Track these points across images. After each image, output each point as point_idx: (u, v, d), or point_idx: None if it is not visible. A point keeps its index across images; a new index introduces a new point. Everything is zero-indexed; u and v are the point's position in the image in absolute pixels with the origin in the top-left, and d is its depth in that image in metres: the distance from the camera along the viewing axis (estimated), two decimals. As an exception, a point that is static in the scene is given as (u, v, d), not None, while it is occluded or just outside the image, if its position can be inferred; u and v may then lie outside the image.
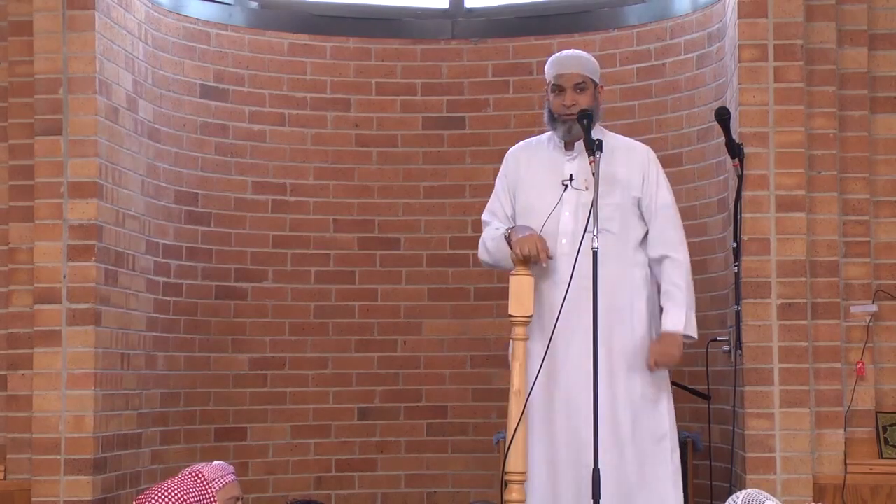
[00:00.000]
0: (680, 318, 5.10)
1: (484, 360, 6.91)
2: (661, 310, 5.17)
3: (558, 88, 5.21)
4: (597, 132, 5.13)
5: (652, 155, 5.29)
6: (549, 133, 5.32)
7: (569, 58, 5.28)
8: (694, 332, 5.15)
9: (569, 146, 5.24)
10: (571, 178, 5.17)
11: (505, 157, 5.43)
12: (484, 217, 5.39)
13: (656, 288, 5.20)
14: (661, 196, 5.21)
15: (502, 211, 5.33)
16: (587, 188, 5.11)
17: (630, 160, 5.20)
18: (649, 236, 5.21)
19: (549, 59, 5.32)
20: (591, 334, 4.81)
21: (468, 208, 6.83)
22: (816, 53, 5.62)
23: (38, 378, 5.56)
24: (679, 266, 5.16)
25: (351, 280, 6.92)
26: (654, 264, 5.19)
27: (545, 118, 5.29)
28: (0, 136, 5.78)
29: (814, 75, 5.61)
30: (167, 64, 6.48)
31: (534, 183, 5.27)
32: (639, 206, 5.19)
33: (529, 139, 5.46)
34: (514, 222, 5.26)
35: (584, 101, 5.17)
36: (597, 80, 5.26)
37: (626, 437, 5.06)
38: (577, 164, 5.20)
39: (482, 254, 5.34)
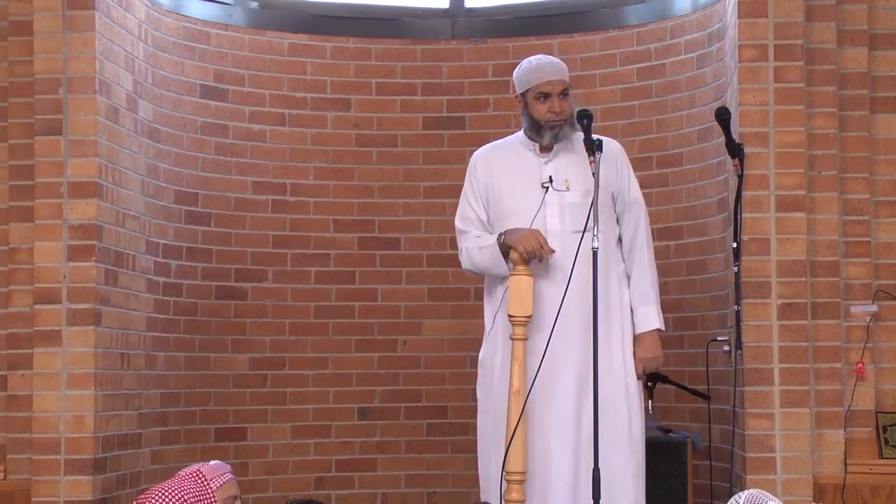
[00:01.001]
0: (652, 317, 5.21)
1: (484, 360, 6.90)
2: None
3: (545, 95, 5.20)
4: (568, 130, 5.16)
5: (622, 150, 5.33)
6: (516, 136, 5.32)
7: (554, 65, 5.27)
8: (663, 325, 5.25)
9: (545, 149, 5.24)
10: (551, 180, 5.17)
11: (471, 162, 5.39)
12: (458, 225, 5.36)
13: None
14: (632, 191, 5.27)
15: (476, 217, 5.31)
16: (568, 188, 5.14)
17: (606, 158, 5.19)
18: (621, 231, 5.25)
19: (526, 67, 5.27)
20: (588, 333, 4.85)
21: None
22: (816, 53, 5.62)
23: (38, 378, 5.56)
24: (644, 262, 5.24)
25: (351, 280, 6.92)
26: (626, 256, 5.26)
27: (525, 125, 5.27)
28: (0, 136, 5.78)
29: (814, 75, 5.61)
30: (167, 64, 6.48)
31: (510, 187, 5.25)
32: (615, 203, 5.22)
33: (493, 143, 5.44)
34: (490, 227, 5.26)
35: (567, 106, 5.21)
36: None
37: (623, 435, 5.08)
38: (554, 165, 5.21)
39: (466, 263, 5.32)
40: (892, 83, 5.71)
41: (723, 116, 5.49)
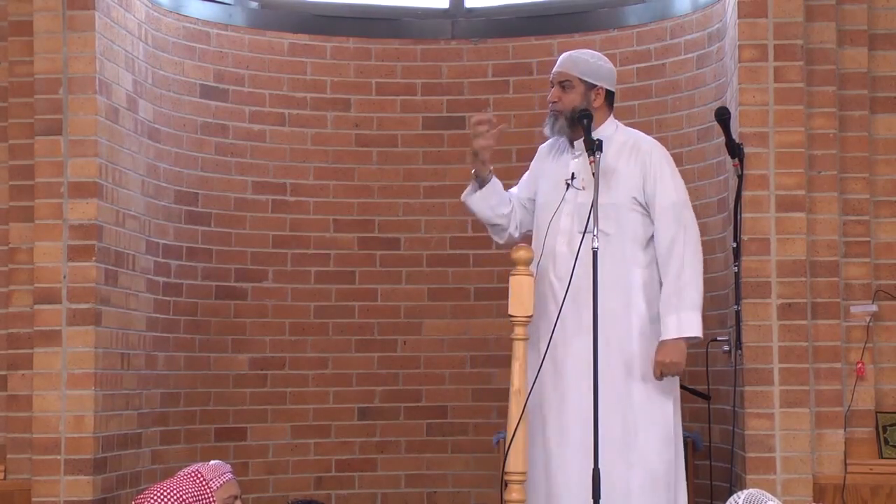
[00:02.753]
0: (674, 324, 5.06)
1: (484, 360, 6.91)
2: None
3: (551, 84, 5.25)
4: (609, 127, 5.17)
5: (658, 152, 5.23)
6: None
7: (564, 55, 5.33)
8: (695, 332, 5.09)
9: (574, 145, 5.25)
10: (573, 177, 5.18)
11: (537, 151, 5.50)
12: None
13: None
14: (665, 195, 5.16)
15: (518, 193, 5.41)
16: (584, 188, 5.13)
17: (633, 158, 5.19)
18: (655, 236, 5.19)
19: None
20: (585, 335, 4.83)
21: (468, 208, 6.84)
22: (816, 53, 5.62)
23: (38, 378, 5.56)
24: (671, 270, 5.10)
25: (351, 280, 6.92)
26: (660, 266, 5.18)
27: None
28: (0, 136, 5.78)
29: (814, 75, 5.61)
30: (167, 64, 6.48)
31: (546, 181, 5.32)
32: (641, 206, 5.18)
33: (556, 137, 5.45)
34: (534, 215, 5.37)
35: (567, 99, 5.20)
36: (591, 81, 5.24)
37: (616, 441, 4.99)
38: (579, 162, 5.21)
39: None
40: (892, 83, 5.71)
41: (723, 116, 5.49)
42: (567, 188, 5.17)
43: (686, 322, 5.08)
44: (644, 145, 5.25)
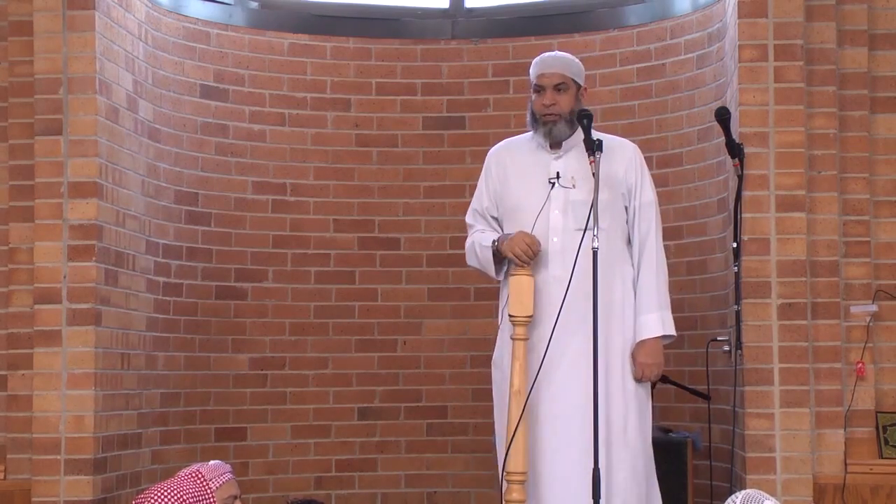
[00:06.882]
0: (653, 324, 5.11)
1: (484, 360, 6.86)
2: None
3: (539, 88, 5.23)
4: (564, 127, 5.17)
5: (638, 152, 5.31)
6: (531, 133, 5.31)
7: (552, 58, 5.31)
8: (670, 330, 5.15)
9: (554, 145, 5.24)
10: (558, 176, 5.18)
11: (487, 158, 5.41)
12: (468, 219, 5.40)
13: None
14: (645, 195, 5.23)
15: (484, 212, 5.35)
16: (574, 186, 5.13)
17: (618, 157, 5.20)
18: (631, 233, 5.22)
19: (534, 60, 5.33)
20: (587, 332, 4.83)
21: (468, 208, 6.82)
22: (816, 53, 5.62)
23: (38, 378, 5.56)
24: (650, 268, 5.17)
25: (351, 280, 6.92)
26: (634, 260, 5.22)
27: (528, 119, 5.29)
28: (0, 136, 5.78)
29: (814, 75, 5.61)
30: (167, 64, 6.48)
31: (520, 183, 5.27)
32: (624, 201, 5.21)
33: (509, 139, 5.45)
34: (501, 223, 5.28)
35: (564, 101, 5.19)
36: (580, 82, 5.25)
37: (618, 436, 5.03)
38: (564, 162, 5.21)
39: (470, 259, 5.34)
40: (892, 83, 5.71)
41: (723, 116, 5.49)
42: (552, 187, 5.16)
43: (666, 321, 5.15)
44: (626, 144, 5.31)
